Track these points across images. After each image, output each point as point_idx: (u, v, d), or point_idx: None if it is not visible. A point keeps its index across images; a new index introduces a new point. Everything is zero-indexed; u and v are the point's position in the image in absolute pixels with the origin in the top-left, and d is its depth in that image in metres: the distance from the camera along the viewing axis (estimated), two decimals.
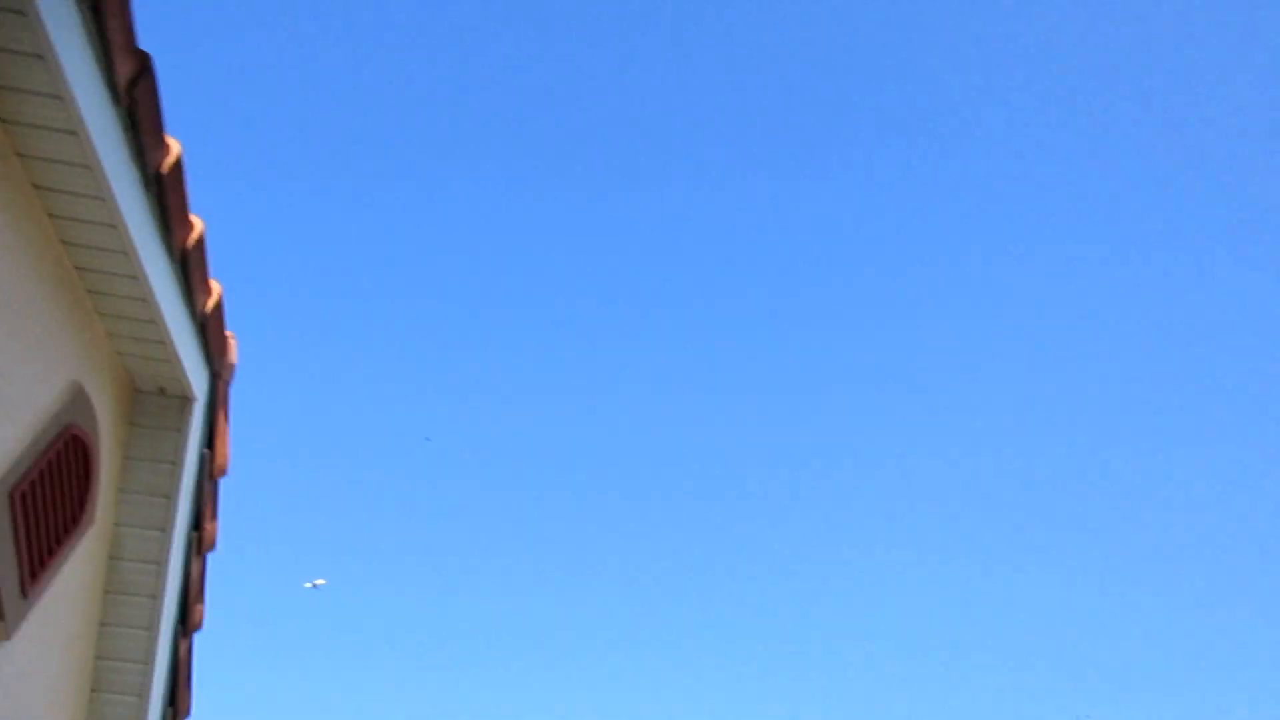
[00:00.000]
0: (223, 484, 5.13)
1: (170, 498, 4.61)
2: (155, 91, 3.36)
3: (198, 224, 3.99)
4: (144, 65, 3.24)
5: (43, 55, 2.85)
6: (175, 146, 3.62)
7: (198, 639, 5.41)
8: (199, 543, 4.98)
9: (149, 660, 4.75)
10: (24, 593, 3.77)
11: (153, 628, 4.72)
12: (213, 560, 5.32)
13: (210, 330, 4.43)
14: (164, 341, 4.15)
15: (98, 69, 3.10)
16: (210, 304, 4.33)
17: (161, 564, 4.67)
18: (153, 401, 4.48)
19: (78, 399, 3.89)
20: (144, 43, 3.19)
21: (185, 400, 4.54)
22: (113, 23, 3.00)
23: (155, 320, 4.02)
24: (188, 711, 5.26)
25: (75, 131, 3.13)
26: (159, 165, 3.55)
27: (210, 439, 4.82)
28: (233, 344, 4.72)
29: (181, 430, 4.55)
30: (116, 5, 2.96)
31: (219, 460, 4.91)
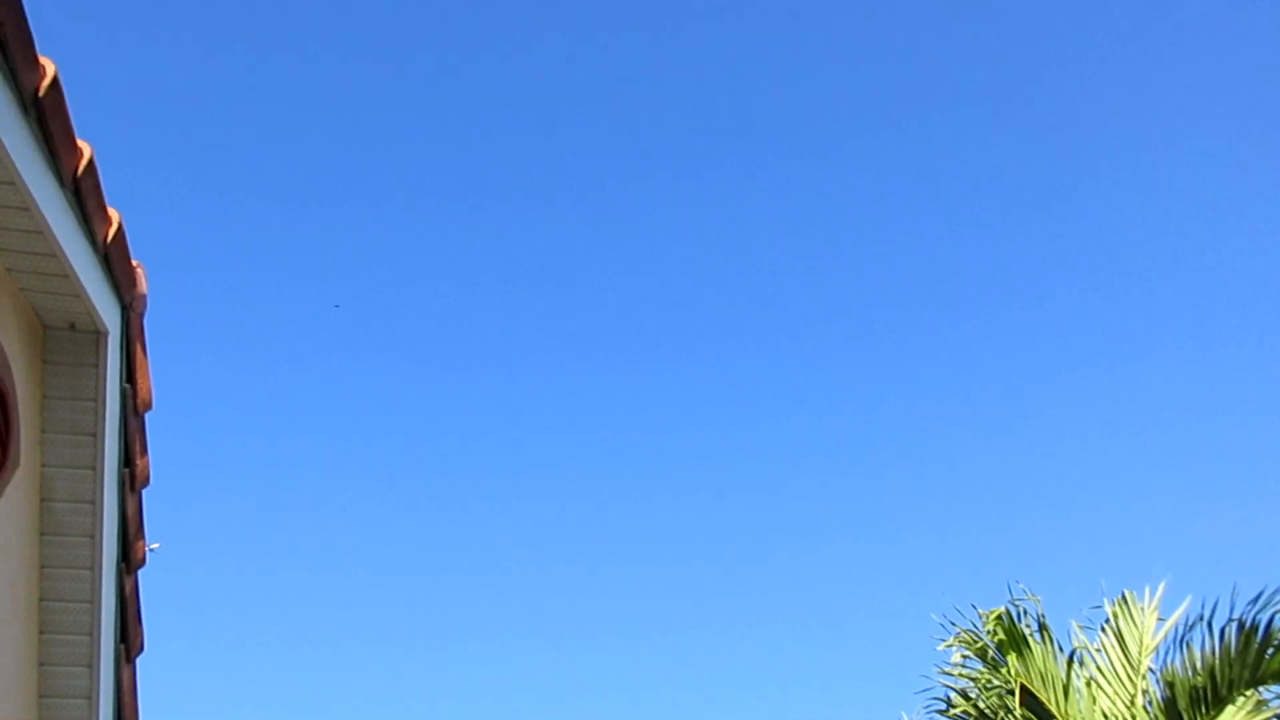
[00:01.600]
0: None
1: (95, 435, 4.54)
2: (20, 9, 3.23)
3: (86, 149, 3.87)
4: None
5: None
6: (50, 67, 3.49)
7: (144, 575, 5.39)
8: (131, 479, 4.93)
9: (94, 599, 4.73)
10: None
11: (94, 567, 4.69)
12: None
13: (115, 260, 4.33)
14: (66, 275, 4.05)
15: None
16: (111, 233, 4.23)
17: (95, 503, 4.62)
18: (65, 338, 4.39)
19: None
20: None
21: (98, 334, 4.45)
22: None
23: (54, 253, 3.92)
24: (140, 648, 5.26)
25: None
26: (35, 87, 3.43)
27: (130, 373, 4.75)
28: (141, 274, 4.62)
29: (98, 366, 4.47)
30: None
31: (141, 394, 4.84)
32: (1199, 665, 6.97)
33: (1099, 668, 7.71)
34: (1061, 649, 7.71)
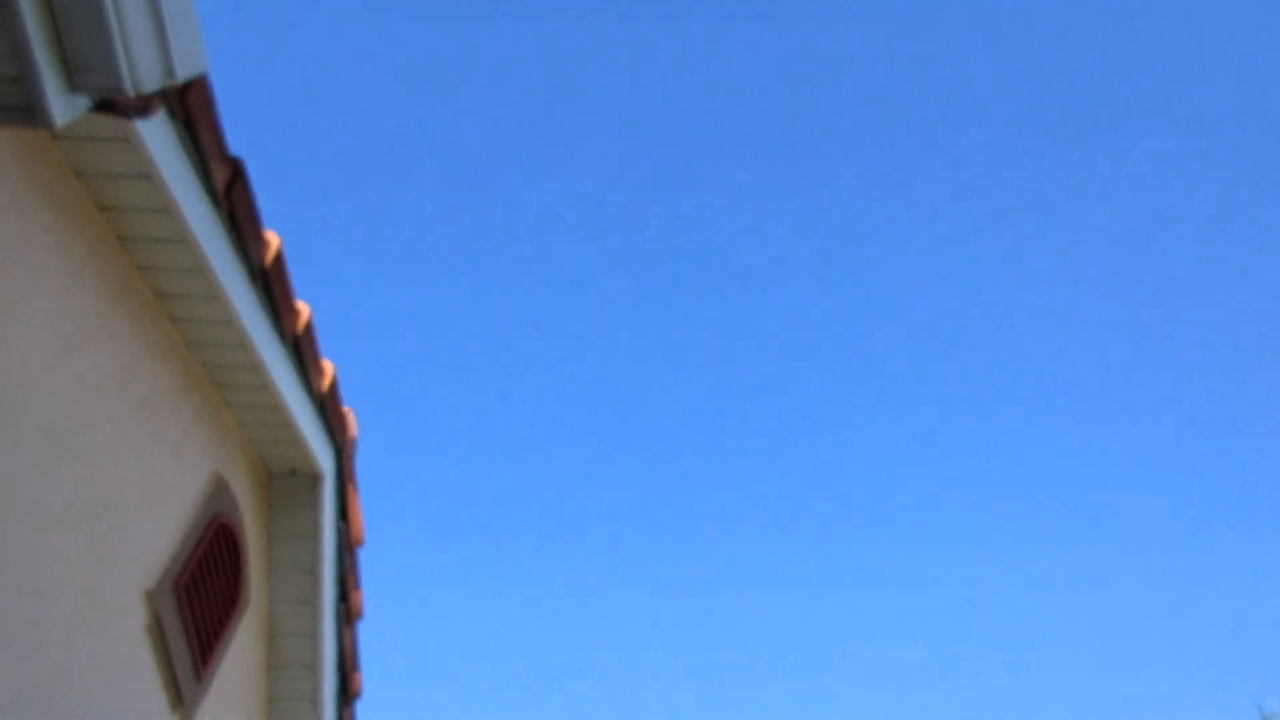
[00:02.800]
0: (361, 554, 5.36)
1: (314, 572, 4.85)
2: (250, 192, 3.61)
3: (304, 309, 4.23)
4: (237, 170, 3.49)
5: (148, 175, 3.11)
6: (275, 240, 3.87)
7: (360, 707, 5.64)
8: (347, 613, 5.21)
9: None
10: (198, 677, 4.02)
11: (316, 699, 4.96)
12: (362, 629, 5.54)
13: (329, 408, 4.67)
14: (289, 424, 4.40)
15: (196, 179, 3.35)
16: (325, 383, 4.58)
17: (316, 636, 4.90)
18: (286, 482, 4.74)
19: (220, 488, 4.14)
20: (235, 148, 3.44)
21: (314, 477, 4.79)
22: (205, 135, 3.25)
23: (278, 405, 4.27)
24: None
25: (184, 240, 3.38)
26: (262, 260, 3.80)
27: (343, 512, 5.06)
28: (351, 419, 4.96)
29: (315, 506, 4.80)
30: (206, 119, 3.21)
31: (354, 531, 5.15)
32: None
33: None
34: None
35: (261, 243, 3.78)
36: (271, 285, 3.87)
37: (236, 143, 3.46)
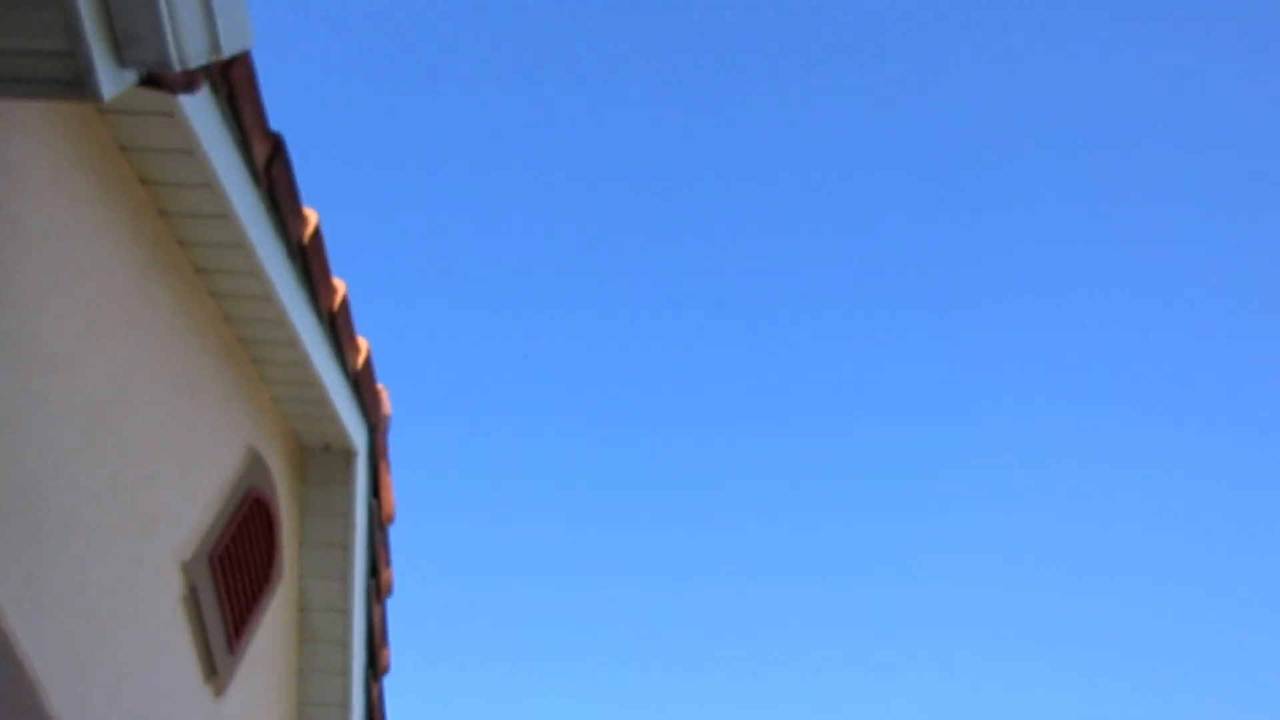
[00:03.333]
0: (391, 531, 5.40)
1: (346, 548, 4.89)
2: (290, 168, 3.62)
3: (340, 286, 4.25)
4: (277, 146, 3.50)
5: (191, 150, 3.13)
6: (313, 217, 3.88)
7: (386, 682, 5.69)
8: (377, 590, 5.26)
9: (346, 704, 5.04)
10: (231, 649, 4.06)
11: (346, 673, 5.01)
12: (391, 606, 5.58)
13: (363, 385, 4.70)
14: (324, 401, 4.42)
15: (237, 154, 3.37)
16: (360, 360, 4.60)
17: (347, 611, 4.95)
18: (319, 458, 4.77)
19: (255, 463, 4.18)
20: (275, 123, 3.45)
21: (348, 454, 4.82)
22: (246, 110, 3.26)
23: (314, 381, 4.29)
24: None
25: (225, 215, 3.40)
26: (300, 236, 3.82)
27: (375, 489, 5.09)
28: (385, 396, 4.99)
29: (349, 483, 4.83)
30: (249, 93, 3.22)
31: (385, 509, 5.18)
32: None
33: None
34: None
35: (300, 219, 3.79)
36: (309, 261, 3.89)
37: (278, 119, 3.47)
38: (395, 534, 5.38)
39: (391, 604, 5.52)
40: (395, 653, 5.64)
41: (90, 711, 3.14)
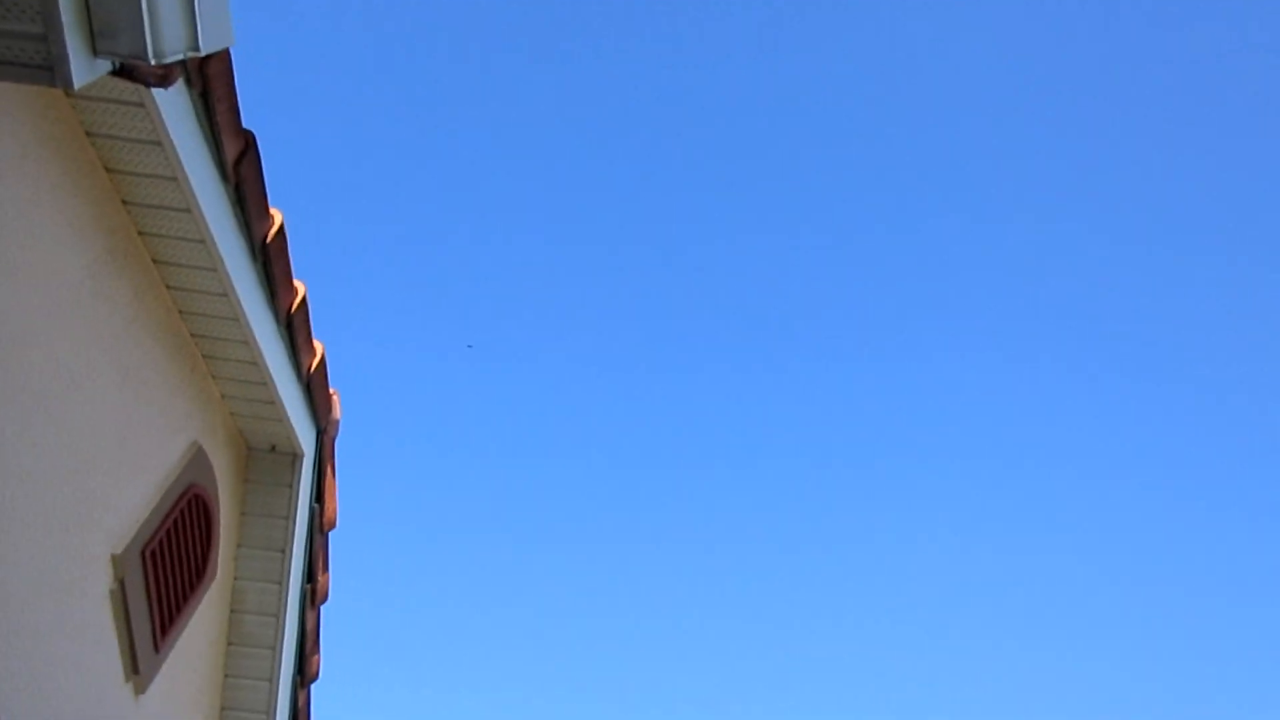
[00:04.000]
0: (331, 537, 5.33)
1: (285, 551, 4.82)
2: (259, 168, 3.58)
3: (300, 288, 4.21)
4: (249, 144, 3.47)
5: (160, 142, 3.09)
6: (278, 217, 3.84)
7: (315, 689, 5.60)
8: (313, 595, 5.18)
9: (270, 711, 4.95)
10: (156, 647, 3.99)
11: (273, 679, 4.92)
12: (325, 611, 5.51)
13: (315, 388, 4.65)
14: (274, 401, 4.37)
15: (207, 149, 3.33)
16: (314, 363, 4.55)
17: (279, 616, 4.87)
18: (265, 459, 4.71)
19: (198, 459, 4.11)
20: (248, 122, 3.42)
21: (295, 456, 4.76)
22: (220, 106, 3.22)
23: (265, 381, 4.24)
24: None
25: (189, 209, 3.36)
26: (264, 236, 3.78)
27: (319, 493, 5.03)
28: (336, 400, 4.93)
29: (292, 485, 4.77)
30: (224, 90, 3.19)
31: (328, 514, 5.12)
32: None
33: None
34: None
35: (265, 218, 3.76)
36: (271, 262, 3.85)
37: (251, 119, 3.44)
38: (339, 540, 5.32)
39: (333, 611, 5.45)
40: (331, 660, 5.56)
41: (3, 707, 3.07)
